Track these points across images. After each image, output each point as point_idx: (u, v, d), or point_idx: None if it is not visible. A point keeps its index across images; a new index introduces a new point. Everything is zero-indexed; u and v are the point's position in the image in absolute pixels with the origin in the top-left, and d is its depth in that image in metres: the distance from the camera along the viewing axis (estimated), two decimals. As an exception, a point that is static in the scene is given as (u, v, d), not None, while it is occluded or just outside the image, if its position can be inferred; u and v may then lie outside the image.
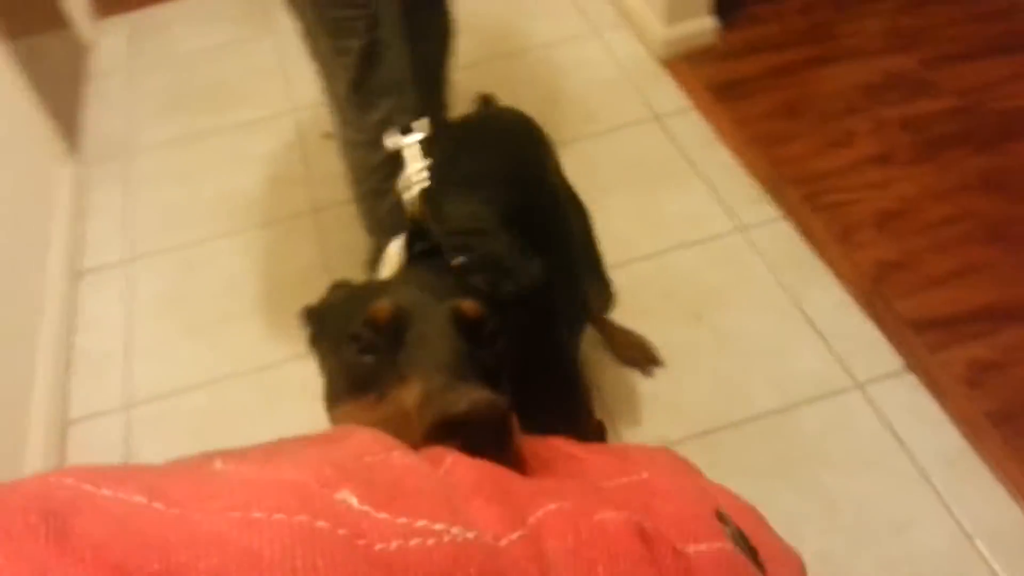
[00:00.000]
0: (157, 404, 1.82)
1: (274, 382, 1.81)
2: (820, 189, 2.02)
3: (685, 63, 2.42)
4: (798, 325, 1.78)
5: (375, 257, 1.55)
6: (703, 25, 2.44)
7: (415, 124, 0.94)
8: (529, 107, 2.27)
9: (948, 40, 2.38)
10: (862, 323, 1.77)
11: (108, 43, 2.85)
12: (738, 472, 1.52)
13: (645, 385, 1.71)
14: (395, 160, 1.05)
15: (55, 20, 2.66)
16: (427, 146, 0.91)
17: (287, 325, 1.89)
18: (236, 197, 2.19)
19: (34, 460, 1.65)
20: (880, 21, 2.48)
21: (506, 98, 1.95)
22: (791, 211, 1.99)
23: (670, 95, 2.36)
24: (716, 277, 1.90)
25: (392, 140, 0.94)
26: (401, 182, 0.90)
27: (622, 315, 1.77)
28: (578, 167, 2.14)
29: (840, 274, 1.85)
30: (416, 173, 0.89)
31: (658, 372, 1.73)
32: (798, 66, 2.37)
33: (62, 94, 2.47)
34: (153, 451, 1.72)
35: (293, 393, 1.76)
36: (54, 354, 1.87)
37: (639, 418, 1.66)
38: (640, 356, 1.76)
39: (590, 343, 1.76)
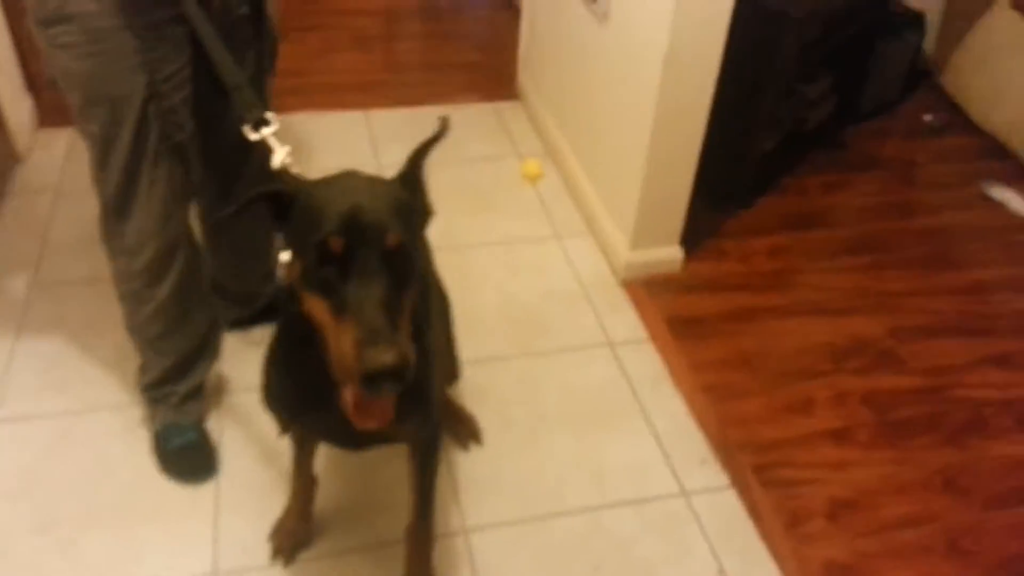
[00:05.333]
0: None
1: None
2: (771, 461, 1.86)
3: (645, 289, 2.30)
4: (735, 623, 1.58)
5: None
6: (668, 254, 2.34)
7: (268, 115, 1.22)
8: (478, 310, 2.14)
9: (916, 311, 2.30)
10: (806, 633, 1.58)
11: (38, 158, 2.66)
12: None
13: None
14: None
15: None
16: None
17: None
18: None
19: None
20: (848, 278, 2.41)
21: (456, 293, 1.75)
22: (739, 480, 1.83)
23: (626, 321, 2.23)
24: (651, 549, 1.70)
25: (252, 134, 1.21)
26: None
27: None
28: (520, 389, 2.00)
29: (785, 569, 1.67)
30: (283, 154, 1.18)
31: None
32: (759, 313, 2.26)
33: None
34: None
35: None
36: None
37: None
38: (464, 431, 1.89)
39: None
